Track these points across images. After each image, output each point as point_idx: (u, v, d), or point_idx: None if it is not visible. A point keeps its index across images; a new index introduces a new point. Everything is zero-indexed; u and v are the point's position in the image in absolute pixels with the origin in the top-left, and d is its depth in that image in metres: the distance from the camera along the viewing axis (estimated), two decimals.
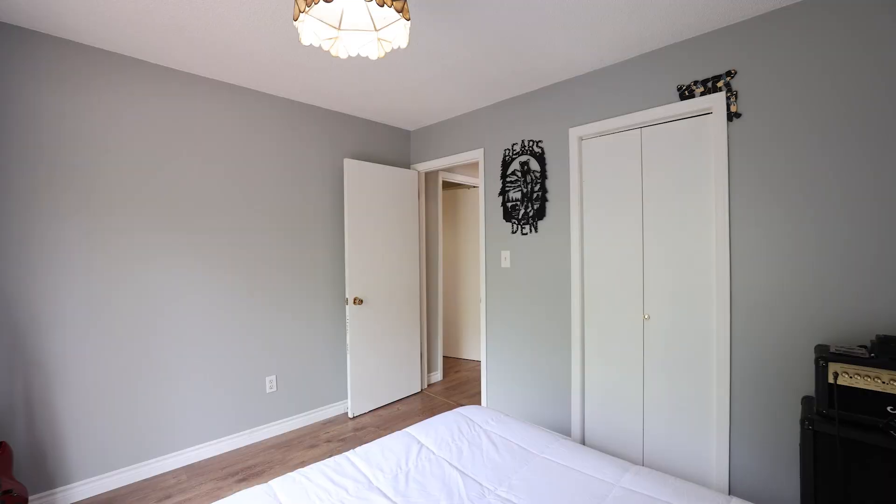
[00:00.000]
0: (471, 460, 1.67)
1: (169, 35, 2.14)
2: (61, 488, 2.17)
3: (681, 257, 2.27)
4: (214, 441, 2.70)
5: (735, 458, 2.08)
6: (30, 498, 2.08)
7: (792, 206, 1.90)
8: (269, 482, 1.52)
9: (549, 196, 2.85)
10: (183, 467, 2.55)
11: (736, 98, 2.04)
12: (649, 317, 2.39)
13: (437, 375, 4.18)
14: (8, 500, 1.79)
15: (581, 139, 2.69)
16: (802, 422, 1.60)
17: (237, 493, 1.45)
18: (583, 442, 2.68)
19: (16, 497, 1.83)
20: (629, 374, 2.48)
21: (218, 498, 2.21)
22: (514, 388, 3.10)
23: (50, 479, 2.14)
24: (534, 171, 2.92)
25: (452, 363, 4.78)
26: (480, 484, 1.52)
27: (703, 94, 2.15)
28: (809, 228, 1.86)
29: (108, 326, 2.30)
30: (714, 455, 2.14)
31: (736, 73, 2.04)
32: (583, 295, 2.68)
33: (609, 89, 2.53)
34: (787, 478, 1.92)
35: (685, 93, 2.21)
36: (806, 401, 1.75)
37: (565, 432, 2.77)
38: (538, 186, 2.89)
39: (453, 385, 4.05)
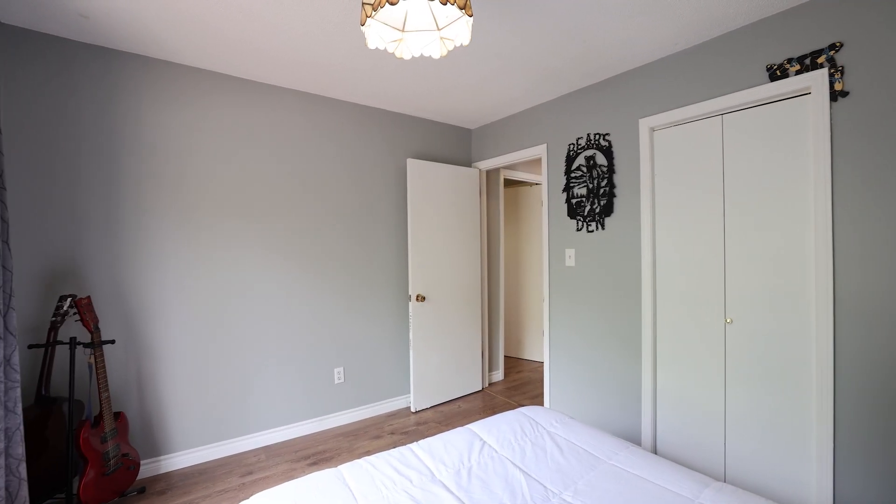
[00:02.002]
0: (534, 461, 1.64)
1: (245, 49, 2.34)
2: (165, 456, 2.47)
3: (770, 256, 2.05)
4: (288, 426, 2.91)
5: (842, 485, 1.82)
6: (140, 462, 2.38)
7: None
8: (339, 467, 1.61)
9: (616, 191, 2.71)
10: (262, 448, 2.77)
11: (842, 74, 1.79)
12: (732, 321, 2.18)
13: (498, 375, 4.15)
14: (125, 462, 2.07)
15: (652, 130, 2.52)
16: None
17: (311, 475, 1.54)
18: (654, 452, 2.51)
19: (131, 460, 2.12)
20: (708, 382, 2.28)
21: (292, 477, 2.38)
22: (578, 391, 2.99)
23: (156, 448, 2.44)
24: (600, 166, 2.79)
25: (514, 363, 4.72)
26: (545, 486, 1.48)
27: (798, 72, 1.92)
28: None
29: (198, 316, 2.57)
30: (814, 480, 1.90)
31: (842, 45, 1.79)
32: (654, 295, 2.51)
33: (684, 75, 2.34)
34: None
35: (776, 73, 1.99)
36: None
37: (634, 441, 2.61)
38: (605, 181, 2.76)
39: (515, 385, 3.99)
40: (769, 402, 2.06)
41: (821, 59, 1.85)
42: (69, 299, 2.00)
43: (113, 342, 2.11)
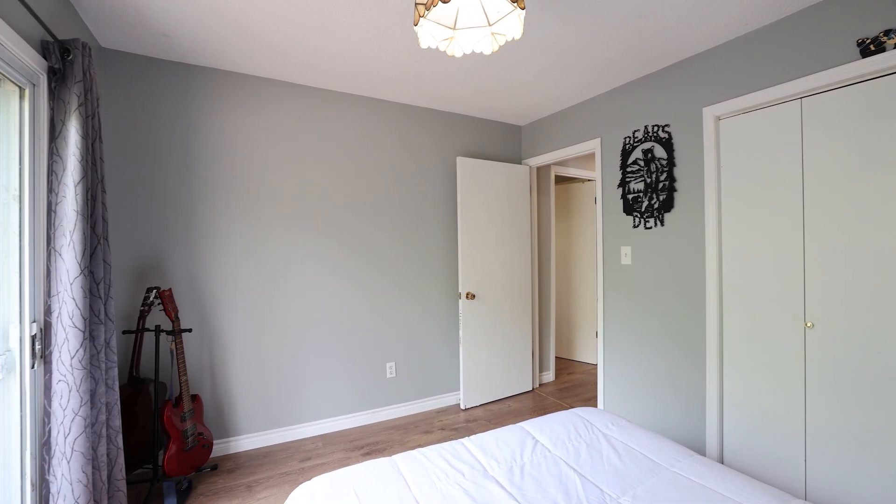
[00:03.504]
0: (589, 463, 1.59)
1: (305, 65, 2.47)
2: (233, 438, 2.67)
3: (860, 253, 1.84)
4: (343, 416, 3.04)
5: None
6: (213, 442, 2.59)
7: None
8: (392, 457, 1.65)
9: (677, 185, 2.55)
10: (319, 436, 2.91)
11: None
12: (813, 325, 1.98)
13: (549, 376, 4.06)
14: (200, 441, 2.26)
15: (718, 119, 2.35)
16: None
17: (367, 462, 1.60)
18: (721, 463, 2.34)
19: (206, 439, 2.31)
20: (785, 392, 2.09)
21: (348, 465, 2.47)
22: (634, 395, 2.85)
23: (225, 430, 2.65)
24: (659, 159, 2.64)
25: (565, 364, 4.59)
26: (601, 489, 1.43)
27: None
28: None
29: (261, 310, 2.75)
30: None
31: None
32: (720, 295, 2.34)
33: (756, 57, 2.16)
34: None
35: (870, 47, 1.78)
36: None
37: (697, 450, 2.45)
38: (664, 175, 2.61)
39: (566, 387, 3.89)
40: (860, 417, 1.85)
41: None
42: (154, 291, 2.22)
43: (190, 331, 2.32)
